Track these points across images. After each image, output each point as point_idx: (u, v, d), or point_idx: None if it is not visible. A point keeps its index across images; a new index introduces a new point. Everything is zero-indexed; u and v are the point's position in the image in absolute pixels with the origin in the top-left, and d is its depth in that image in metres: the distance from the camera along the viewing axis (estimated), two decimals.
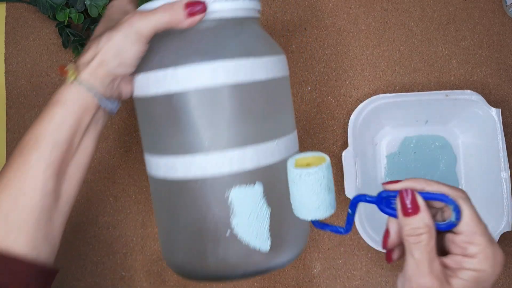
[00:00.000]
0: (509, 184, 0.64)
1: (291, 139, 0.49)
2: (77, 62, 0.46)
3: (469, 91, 0.66)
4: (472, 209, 0.41)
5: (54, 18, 0.70)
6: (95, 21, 0.69)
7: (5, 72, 0.72)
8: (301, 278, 0.68)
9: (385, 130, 0.70)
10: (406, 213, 0.41)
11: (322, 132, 0.70)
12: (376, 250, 0.67)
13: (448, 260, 0.42)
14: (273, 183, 0.46)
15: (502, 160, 0.64)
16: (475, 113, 0.66)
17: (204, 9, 0.45)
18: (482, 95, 0.66)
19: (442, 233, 0.43)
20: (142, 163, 0.70)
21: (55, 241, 0.47)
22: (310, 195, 0.43)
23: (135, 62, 0.46)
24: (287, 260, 0.48)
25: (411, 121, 0.69)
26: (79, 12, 0.67)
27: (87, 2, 0.66)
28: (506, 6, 0.72)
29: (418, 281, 0.40)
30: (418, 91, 0.71)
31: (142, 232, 0.69)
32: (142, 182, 0.70)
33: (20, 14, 0.72)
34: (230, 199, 0.45)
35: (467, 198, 0.42)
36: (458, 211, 0.40)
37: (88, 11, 0.67)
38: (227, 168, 0.44)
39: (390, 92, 0.71)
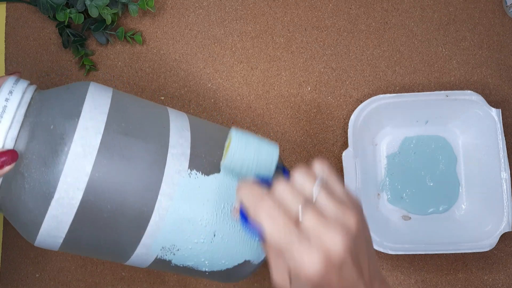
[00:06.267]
0: (509, 184, 0.64)
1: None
2: None
3: (469, 91, 0.66)
4: None
5: (54, 18, 0.70)
6: (95, 21, 0.69)
7: (5, 72, 0.72)
8: None
9: (385, 131, 0.70)
10: None
11: (322, 132, 0.70)
12: (376, 251, 0.67)
13: None
14: None
15: (502, 160, 0.64)
16: (475, 113, 0.66)
17: (13, 158, 0.41)
18: (482, 95, 0.66)
19: None
20: None
21: None
22: None
23: None
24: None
25: (411, 121, 0.69)
26: (79, 12, 0.67)
27: (87, 2, 0.66)
28: (506, 6, 0.72)
29: None
30: (418, 91, 0.71)
31: None
32: None
33: (20, 14, 0.72)
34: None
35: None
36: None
37: (88, 11, 0.67)
38: None
39: (390, 92, 0.71)
